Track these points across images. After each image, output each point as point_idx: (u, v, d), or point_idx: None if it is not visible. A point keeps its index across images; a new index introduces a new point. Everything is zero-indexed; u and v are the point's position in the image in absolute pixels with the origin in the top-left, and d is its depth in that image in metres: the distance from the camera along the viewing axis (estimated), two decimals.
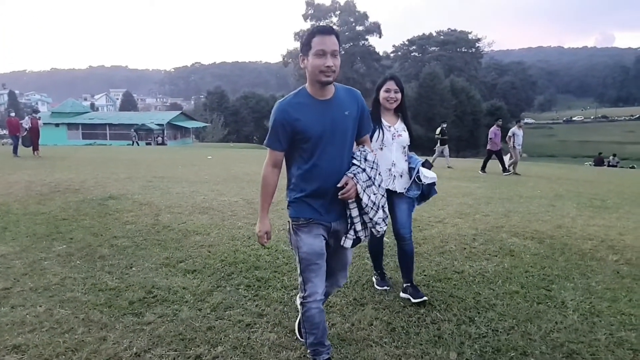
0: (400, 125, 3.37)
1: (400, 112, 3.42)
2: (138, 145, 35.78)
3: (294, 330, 2.96)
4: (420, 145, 56.06)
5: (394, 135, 3.30)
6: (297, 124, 2.21)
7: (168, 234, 5.06)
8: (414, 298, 3.36)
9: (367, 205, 2.33)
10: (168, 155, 18.75)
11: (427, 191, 3.40)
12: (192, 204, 6.59)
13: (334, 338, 2.88)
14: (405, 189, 3.34)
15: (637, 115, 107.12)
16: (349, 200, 2.33)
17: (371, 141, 3.02)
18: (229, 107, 72.43)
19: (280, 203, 6.76)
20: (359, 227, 2.39)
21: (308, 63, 2.20)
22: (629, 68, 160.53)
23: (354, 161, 2.36)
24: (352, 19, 69.45)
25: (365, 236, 2.44)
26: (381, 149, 3.28)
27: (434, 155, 16.43)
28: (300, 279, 2.40)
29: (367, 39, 70.18)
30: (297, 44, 63.53)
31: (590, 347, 2.81)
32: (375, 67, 69.63)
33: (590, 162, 28.55)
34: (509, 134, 13.57)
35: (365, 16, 69.84)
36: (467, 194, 8.16)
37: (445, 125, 16.57)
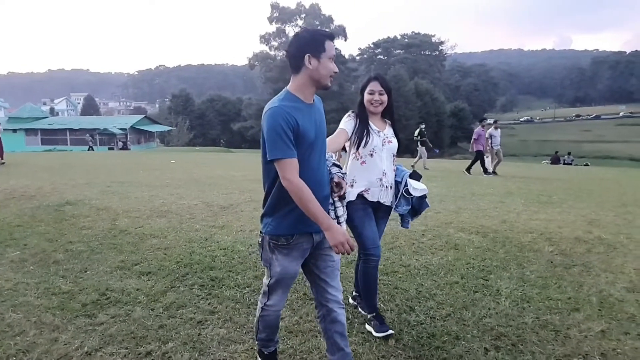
0: (389, 131, 3.09)
1: (387, 116, 3.15)
2: (93, 150, 34.94)
3: (244, 325, 3.10)
4: None
5: (384, 141, 3.01)
6: (298, 129, 2.10)
7: (124, 238, 5.10)
8: (378, 332, 2.98)
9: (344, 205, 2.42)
10: (130, 160, 18.50)
11: (417, 205, 3.11)
12: (150, 207, 6.61)
13: (282, 330, 3.03)
14: (392, 203, 3.08)
15: (594, 115, 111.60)
16: (335, 199, 2.34)
17: (360, 147, 2.93)
18: (195, 110, 71.73)
19: (240, 205, 6.92)
20: (343, 227, 2.38)
21: (319, 65, 2.14)
22: (585, 69, 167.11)
23: (334, 162, 2.42)
24: (317, 22, 69.72)
25: None
26: (371, 155, 2.98)
27: (416, 157, 16.70)
28: (265, 288, 2.38)
29: None
30: (263, 47, 62.68)
31: (517, 330, 3.06)
32: (341, 70, 70.00)
33: (547, 161, 29.65)
34: (486, 135, 13.52)
35: (330, 19, 70.32)
36: None
37: (423, 127, 16.87)
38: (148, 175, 11.51)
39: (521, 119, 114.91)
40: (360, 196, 2.97)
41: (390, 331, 2.95)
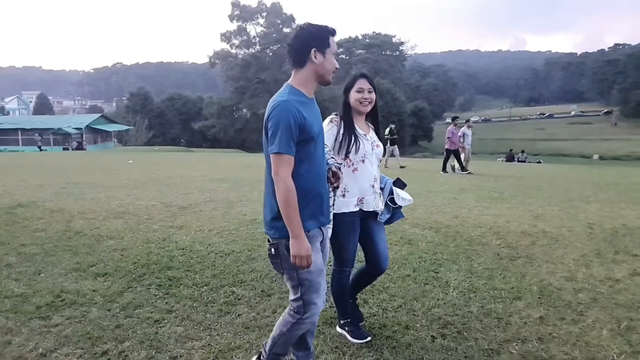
0: (373, 135, 2.90)
1: (371, 117, 2.94)
2: (40, 150, 33.73)
3: (202, 322, 3.15)
4: None
5: (373, 145, 2.82)
6: (305, 123, 2.09)
7: (80, 240, 5.03)
8: (356, 338, 2.92)
9: (346, 191, 2.53)
10: (85, 161, 18.01)
11: (393, 213, 2.96)
12: (106, 209, 6.52)
13: (239, 326, 3.10)
14: (380, 209, 2.87)
15: (547, 114, 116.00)
16: (329, 189, 2.37)
17: (349, 153, 2.71)
18: (154, 109, 70.20)
19: (200, 205, 6.91)
20: (330, 216, 2.42)
21: (324, 60, 2.16)
22: (539, 70, 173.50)
23: (331, 153, 2.45)
24: (279, 21, 69.65)
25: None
26: (363, 161, 2.76)
27: (385, 156, 16.91)
28: (298, 303, 2.24)
29: None
30: (224, 45, 62.07)
31: (463, 318, 3.25)
32: None
33: (502, 159, 30.69)
34: (459, 134, 13.68)
35: (292, 18, 70.25)
36: None
37: (394, 126, 17.10)
38: (104, 175, 11.28)
39: (480, 118, 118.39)
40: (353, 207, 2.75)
41: (369, 337, 2.90)
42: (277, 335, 2.34)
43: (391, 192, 2.87)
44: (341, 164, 2.49)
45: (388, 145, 16.64)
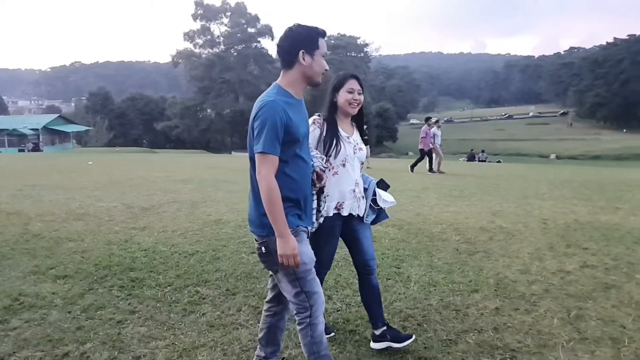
0: (357, 137, 2.82)
1: (357, 120, 2.87)
2: None
3: (166, 322, 3.14)
4: None
5: (355, 148, 2.74)
6: (291, 124, 2.08)
7: (38, 242, 4.91)
8: (400, 342, 2.76)
9: (325, 196, 2.44)
10: (43, 162, 17.44)
11: (377, 214, 2.90)
12: (66, 211, 6.36)
13: (203, 325, 3.11)
14: (364, 213, 2.80)
15: (506, 115, 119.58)
16: (312, 192, 2.34)
17: (329, 156, 2.63)
18: (115, 109, 68.62)
19: (163, 206, 6.82)
20: (313, 218, 2.40)
21: (312, 62, 2.15)
22: (499, 72, 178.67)
23: (316, 155, 2.41)
24: (243, 21, 69.23)
25: (313, 229, 2.41)
26: (344, 165, 2.68)
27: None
28: (300, 297, 2.20)
29: (259, 41, 70.39)
30: (187, 44, 61.05)
31: (423, 311, 3.36)
32: (269, 70, 69.95)
33: (463, 158, 31.46)
34: (430, 134, 13.72)
35: (256, 18, 70.01)
36: None
37: (365, 127, 17.09)
38: (63, 177, 10.96)
39: (443, 119, 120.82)
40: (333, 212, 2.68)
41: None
42: (309, 352, 2.26)
43: (374, 194, 2.82)
44: (327, 166, 2.47)
45: None
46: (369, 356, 2.76)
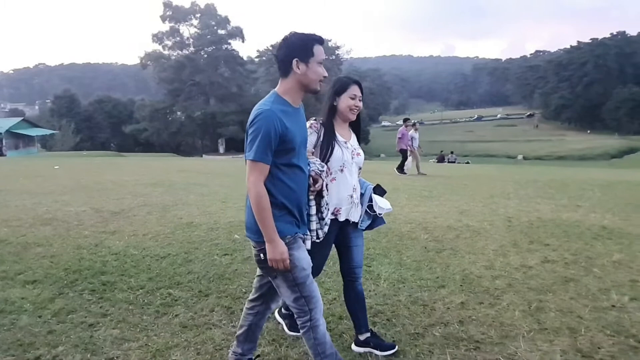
0: (355, 142, 2.79)
1: (355, 125, 2.82)
2: None
3: (138, 324, 3.15)
4: None
5: (353, 153, 2.71)
6: (287, 133, 2.08)
7: (5, 248, 4.81)
8: (383, 350, 2.78)
9: (326, 203, 2.40)
10: (7, 167, 16.94)
11: (373, 219, 2.87)
12: (33, 216, 6.24)
13: (176, 326, 3.14)
14: (360, 219, 2.78)
15: (475, 117, 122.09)
16: (310, 197, 2.32)
17: (328, 160, 2.58)
18: (81, 113, 67.03)
19: (133, 210, 6.76)
20: (314, 225, 2.36)
21: (307, 70, 2.14)
22: (467, 75, 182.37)
23: (314, 161, 2.40)
24: (213, 23, 68.61)
25: (318, 237, 2.39)
26: (341, 170, 2.64)
27: None
28: (300, 302, 2.23)
29: (229, 43, 69.93)
30: (156, 46, 59.94)
31: (392, 307, 3.47)
32: (240, 72, 69.66)
33: (433, 160, 31.98)
34: (408, 136, 13.80)
35: (227, 20, 69.50)
36: None
37: None
38: (29, 182, 10.70)
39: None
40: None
41: (395, 346, 2.84)
42: (314, 353, 2.29)
43: (370, 199, 2.79)
44: (323, 169, 2.40)
45: None
46: (339, 350, 2.83)
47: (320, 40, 2.19)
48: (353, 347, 2.89)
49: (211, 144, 68.46)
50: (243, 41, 70.15)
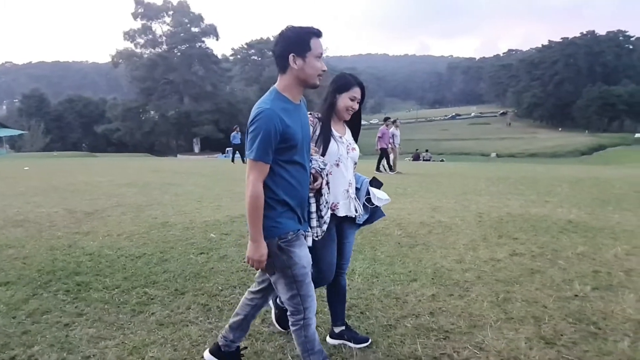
0: (349, 137, 2.79)
1: (353, 123, 2.82)
2: None
3: (114, 322, 3.16)
4: None
5: (348, 148, 2.71)
6: (288, 130, 2.06)
7: None
8: (357, 342, 2.89)
9: (326, 202, 2.39)
10: None
11: (372, 213, 2.88)
12: (3, 217, 6.14)
13: (152, 324, 3.16)
14: (356, 214, 2.77)
15: (450, 116, 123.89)
16: (309, 195, 2.32)
17: (323, 155, 2.56)
18: (51, 112, 65.57)
19: (107, 210, 6.71)
20: (314, 223, 2.37)
21: (304, 64, 2.10)
22: (442, 74, 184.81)
23: (317, 158, 2.39)
24: (186, 20, 67.83)
25: (317, 236, 2.39)
26: (337, 165, 2.64)
27: None
28: (295, 300, 2.24)
29: (203, 41, 69.22)
30: (128, 44, 58.80)
31: (366, 300, 3.56)
32: (214, 70, 69.04)
33: (409, 158, 32.39)
34: (389, 134, 13.92)
35: (200, 18, 68.78)
36: None
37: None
38: None
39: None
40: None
41: (369, 339, 2.93)
42: (303, 350, 2.33)
43: (367, 192, 2.79)
44: (325, 167, 2.41)
45: None
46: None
47: (317, 33, 2.13)
48: (328, 339, 2.97)
49: (186, 143, 67.74)
50: (217, 39, 69.61)
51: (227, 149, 43.36)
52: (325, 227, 2.43)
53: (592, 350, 2.79)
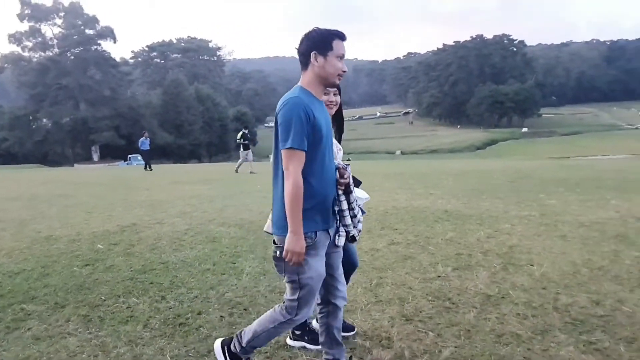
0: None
1: (336, 121, 2.79)
2: None
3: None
4: (170, 152, 55.44)
5: (338, 148, 2.75)
6: (315, 122, 2.10)
7: None
8: (317, 344, 2.87)
9: (354, 200, 2.37)
10: None
11: None
12: None
13: (28, 339, 3.08)
14: None
15: (357, 116, 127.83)
16: (339, 193, 2.30)
17: None
18: None
19: (97, 208, 6.24)
20: (348, 220, 2.33)
21: (325, 62, 2.18)
22: (348, 76, 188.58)
23: (339, 157, 2.40)
24: (80, 22, 63.54)
25: (352, 236, 2.37)
26: None
27: (239, 161, 16.61)
28: (294, 303, 2.29)
29: (99, 44, 65.34)
30: (14, 47, 53.85)
31: (251, 297, 3.73)
32: (112, 74, 65.32)
33: None
34: None
35: (95, 20, 64.71)
36: (195, 196, 8.88)
37: (247, 131, 16.91)
38: None
39: None
40: None
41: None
42: (261, 330, 2.39)
43: None
44: (348, 164, 2.41)
45: (241, 150, 16.67)
46: (195, 342, 3.02)
47: (341, 36, 2.23)
48: (288, 341, 3.03)
49: (84, 151, 63.43)
50: (115, 42, 65.94)
51: (130, 155, 41.40)
52: (360, 226, 2.41)
53: (443, 322, 3.18)
